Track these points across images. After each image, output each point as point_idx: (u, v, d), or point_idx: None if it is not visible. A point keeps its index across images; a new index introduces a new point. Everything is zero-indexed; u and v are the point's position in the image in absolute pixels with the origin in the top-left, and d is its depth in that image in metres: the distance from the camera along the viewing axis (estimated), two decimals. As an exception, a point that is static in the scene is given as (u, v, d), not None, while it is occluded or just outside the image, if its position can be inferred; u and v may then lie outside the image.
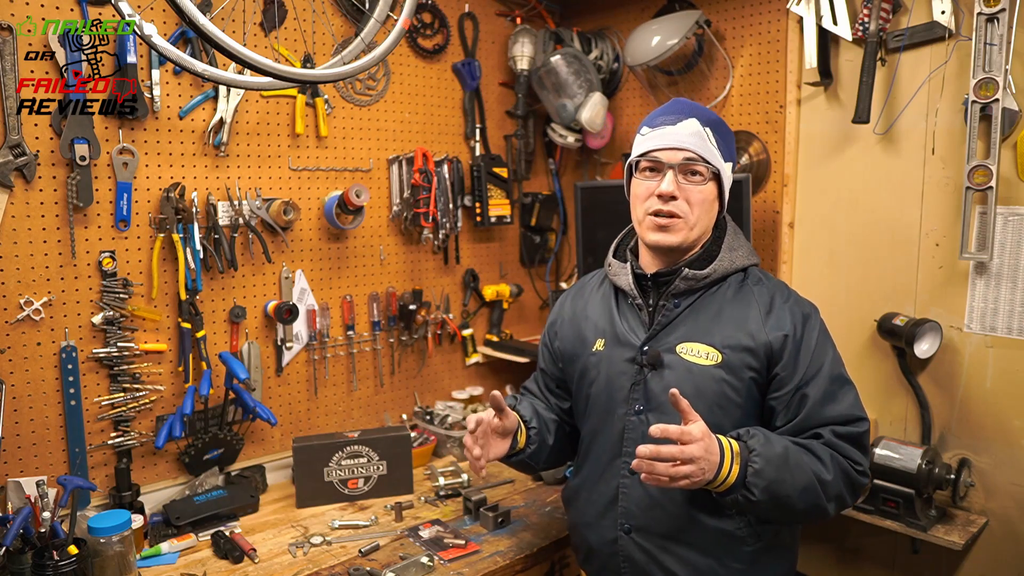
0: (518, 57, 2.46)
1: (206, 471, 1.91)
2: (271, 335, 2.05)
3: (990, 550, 1.82)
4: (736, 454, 1.20)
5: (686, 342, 1.34)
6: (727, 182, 1.38)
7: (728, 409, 1.30)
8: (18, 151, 1.59)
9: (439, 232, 2.34)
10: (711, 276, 1.35)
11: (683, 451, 1.15)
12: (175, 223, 1.80)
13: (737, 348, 1.31)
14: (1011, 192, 1.73)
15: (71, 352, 1.69)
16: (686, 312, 1.36)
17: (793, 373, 1.30)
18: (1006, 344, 1.78)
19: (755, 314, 1.33)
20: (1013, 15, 1.63)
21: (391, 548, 1.67)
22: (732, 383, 1.30)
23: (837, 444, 1.28)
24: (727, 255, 1.38)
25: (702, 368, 1.31)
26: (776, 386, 1.31)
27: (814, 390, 1.29)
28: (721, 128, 1.36)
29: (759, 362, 1.30)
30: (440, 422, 2.25)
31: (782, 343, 1.30)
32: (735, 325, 1.32)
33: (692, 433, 1.16)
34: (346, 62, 1.70)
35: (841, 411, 1.29)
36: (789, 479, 1.21)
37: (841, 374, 1.33)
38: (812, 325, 1.34)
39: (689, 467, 1.15)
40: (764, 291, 1.37)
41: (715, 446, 1.19)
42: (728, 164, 1.37)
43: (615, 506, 1.39)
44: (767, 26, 2.17)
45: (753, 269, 1.41)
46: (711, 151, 1.32)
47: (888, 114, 1.92)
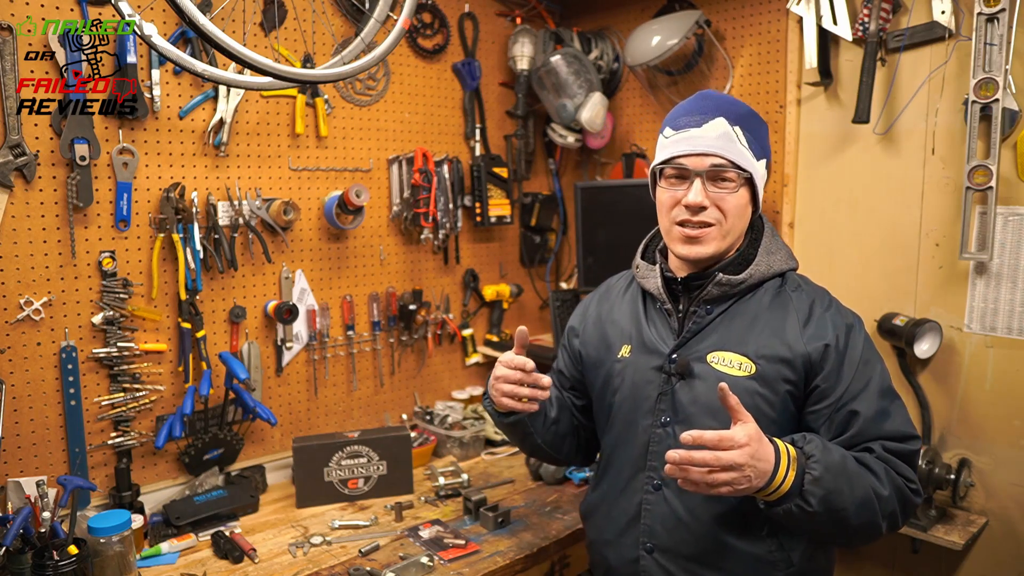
0: (518, 57, 2.46)
1: (206, 471, 1.91)
2: (271, 335, 2.05)
3: (990, 550, 1.82)
4: (793, 459, 1.10)
5: (718, 351, 1.25)
6: (761, 182, 1.27)
7: (761, 424, 1.15)
8: (18, 151, 1.59)
9: (439, 232, 2.34)
10: (747, 282, 1.26)
11: (718, 458, 1.05)
12: (175, 223, 1.80)
13: (773, 359, 1.21)
14: (1011, 192, 1.73)
15: (71, 352, 1.69)
16: (719, 319, 1.27)
17: (835, 385, 1.20)
18: (1006, 344, 1.78)
19: (793, 322, 1.23)
20: (1013, 15, 1.63)
21: (391, 548, 1.67)
22: (766, 396, 1.21)
23: (890, 459, 1.18)
24: (764, 259, 1.28)
25: (734, 379, 1.21)
26: (816, 399, 1.21)
27: (865, 406, 1.19)
28: (752, 122, 1.25)
29: (796, 374, 1.21)
30: (440, 422, 2.25)
31: (822, 354, 1.20)
32: (771, 334, 1.23)
33: (735, 438, 1.06)
34: (346, 62, 1.70)
35: (894, 428, 1.20)
36: (847, 491, 1.11)
37: (890, 388, 1.23)
38: (856, 335, 1.24)
39: (729, 474, 1.05)
40: (803, 298, 1.27)
41: (767, 451, 1.08)
42: (762, 161, 1.26)
43: (637, 524, 1.30)
44: (767, 26, 2.17)
45: (791, 274, 1.31)
46: (741, 153, 1.22)
47: (888, 114, 1.92)
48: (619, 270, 1.55)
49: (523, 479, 2.06)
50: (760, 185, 1.27)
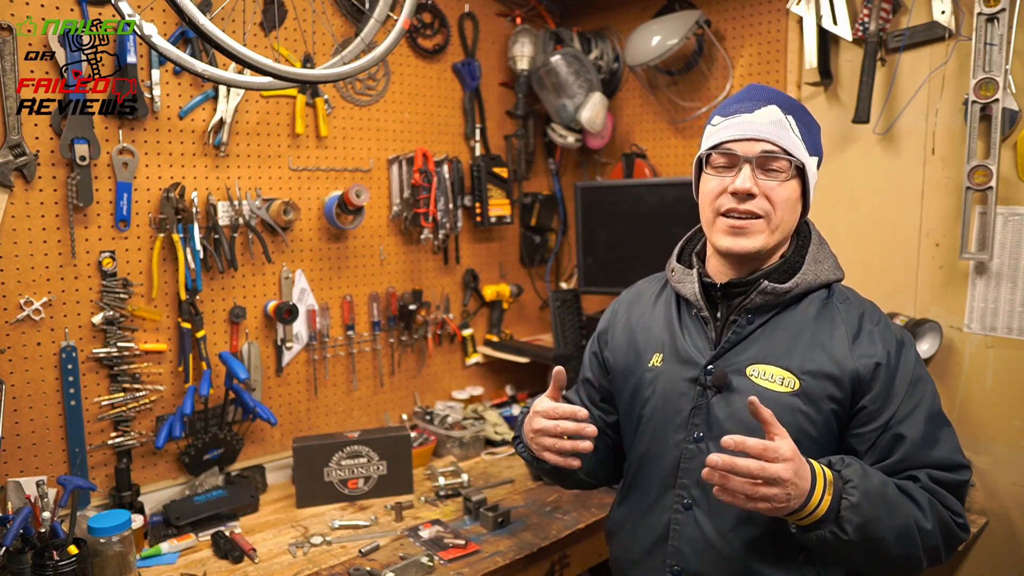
0: (518, 57, 2.46)
1: (206, 471, 1.91)
2: (271, 335, 2.05)
3: (990, 550, 1.82)
4: (830, 483, 1.03)
5: (758, 364, 1.16)
6: (812, 180, 1.18)
7: (802, 444, 1.08)
8: (18, 151, 1.59)
9: (439, 232, 2.34)
10: (793, 291, 1.16)
11: (764, 468, 0.98)
12: (175, 223, 1.80)
13: (818, 375, 1.12)
14: (1011, 192, 1.73)
15: (71, 352, 1.69)
16: (760, 330, 1.18)
17: (884, 407, 1.12)
18: (1006, 344, 1.78)
19: (841, 337, 1.15)
20: (1013, 15, 1.63)
21: (391, 548, 1.67)
22: (810, 415, 1.12)
23: (935, 490, 1.10)
24: (812, 267, 1.18)
25: (775, 395, 1.13)
26: (861, 421, 1.13)
27: (912, 430, 1.11)
28: (806, 117, 1.19)
29: (843, 392, 1.12)
30: (440, 422, 2.25)
31: (872, 372, 1.12)
32: (818, 348, 1.14)
33: (780, 450, 0.99)
34: (346, 62, 1.70)
35: (942, 455, 1.12)
36: (886, 520, 1.04)
37: (940, 412, 1.15)
38: (908, 353, 1.15)
39: (772, 489, 0.98)
40: (852, 311, 1.18)
41: (806, 470, 1.01)
42: (814, 159, 1.19)
43: (664, 545, 1.21)
44: (767, 26, 2.17)
45: (838, 285, 1.23)
46: (794, 142, 1.14)
47: (888, 114, 1.92)
48: (620, 270, 1.53)
49: (523, 479, 2.06)
50: (811, 183, 1.19)
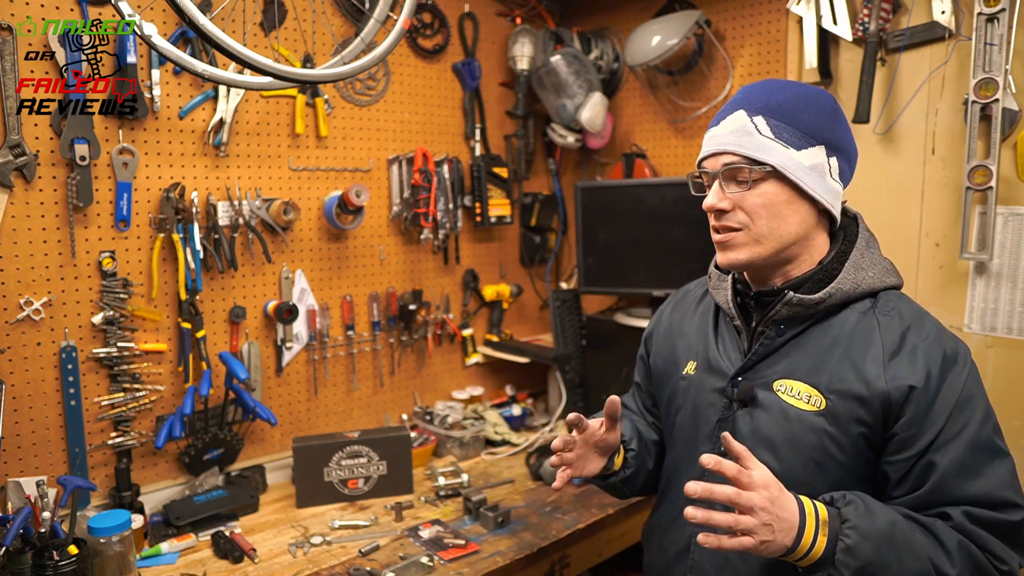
0: (518, 57, 2.46)
1: (206, 471, 1.91)
2: (271, 335, 2.05)
3: (990, 550, 1.82)
4: (824, 523, 0.96)
5: (786, 379, 1.09)
6: (804, 175, 1.06)
7: (827, 467, 1.04)
8: (18, 151, 1.59)
9: (439, 232, 2.34)
10: (826, 302, 1.08)
11: (740, 495, 0.94)
12: (175, 223, 1.80)
13: (846, 395, 1.04)
14: (1011, 192, 1.73)
15: (71, 352, 1.69)
16: (793, 342, 1.11)
17: (919, 434, 1.01)
18: (1006, 344, 1.78)
19: (876, 354, 1.04)
20: (1013, 15, 1.63)
21: (391, 548, 1.67)
22: (836, 437, 1.04)
23: (971, 531, 0.98)
24: (851, 275, 1.09)
25: (800, 414, 1.07)
26: (894, 448, 1.03)
27: (946, 457, 1.00)
28: (786, 109, 1.08)
29: (872, 416, 1.03)
30: (440, 422, 2.25)
31: (905, 396, 1.01)
32: (848, 366, 1.05)
33: (754, 478, 0.95)
34: (346, 62, 1.70)
35: (984, 490, 0.99)
36: (894, 563, 0.95)
37: (991, 441, 1.02)
38: (957, 373, 1.03)
39: (750, 520, 0.94)
40: (894, 324, 1.06)
41: (789, 503, 0.96)
42: (809, 150, 1.07)
43: (686, 557, 1.19)
44: (767, 26, 2.17)
45: (888, 294, 1.11)
46: (759, 144, 1.07)
47: (888, 114, 1.92)
48: (620, 270, 1.52)
49: (523, 479, 2.06)
50: (805, 178, 1.07)
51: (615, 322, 2.34)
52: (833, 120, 1.10)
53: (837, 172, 1.10)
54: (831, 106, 1.10)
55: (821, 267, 1.10)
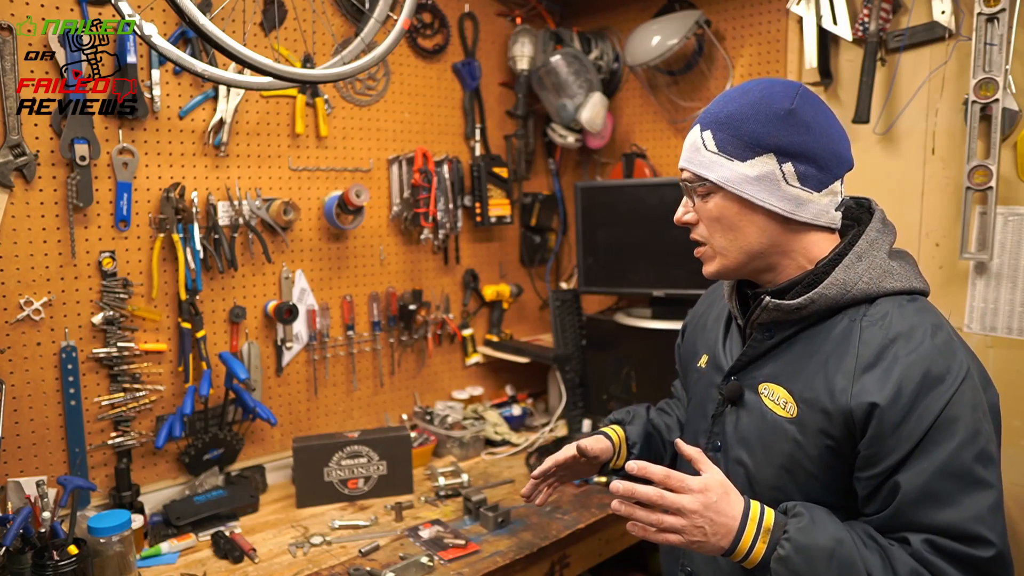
0: (518, 57, 2.46)
1: (206, 471, 1.91)
2: (271, 335, 2.05)
3: (990, 550, 1.82)
4: (766, 530, 0.97)
5: (770, 383, 1.08)
6: (749, 187, 1.03)
7: (796, 475, 1.03)
8: (18, 151, 1.59)
9: (439, 232, 2.34)
10: (808, 308, 1.03)
11: (663, 496, 0.96)
12: (175, 223, 1.80)
13: (813, 406, 1.01)
14: (1011, 192, 1.73)
15: (71, 352, 1.69)
16: (783, 345, 1.09)
17: (883, 453, 0.96)
18: (1006, 344, 1.78)
19: (849, 366, 0.99)
20: (1013, 15, 1.63)
21: (391, 548, 1.67)
22: (804, 446, 1.02)
23: (930, 561, 0.92)
24: (841, 277, 1.02)
25: (776, 419, 1.06)
26: (861, 464, 0.99)
27: (911, 480, 0.94)
28: (732, 121, 1.05)
29: (837, 430, 0.99)
30: (440, 422, 2.25)
31: (867, 413, 0.95)
32: (821, 375, 1.02)
33: (686, 481, 0.97)
34: (346, 62, 1.70)
35: (952, 520, 0.92)
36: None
37: (969, 469, 0.93)
38: (938, 395, 0.94)
39: (677, 520, 0.96)
40: (877, 334, 0.99)
41: (731, 508, 0.97)
42: (753, 160, 1.03)
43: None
44: (767, 26, 2.17)
45: (888, 300, 1.03)
46: (704, 159, 1.07)
47: (888, 114, 1.92)
48: (620, 270, 1.53)
49: (523, 479, 2.06)
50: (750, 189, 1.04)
51: (615, 322, 2.34)
52: (786, 125, 1.03)
53: (797, 177, 1.03)
54: (786, 108, 1.03)
55: (813, 270, 1.06)
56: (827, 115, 1.07)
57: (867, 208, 1.14)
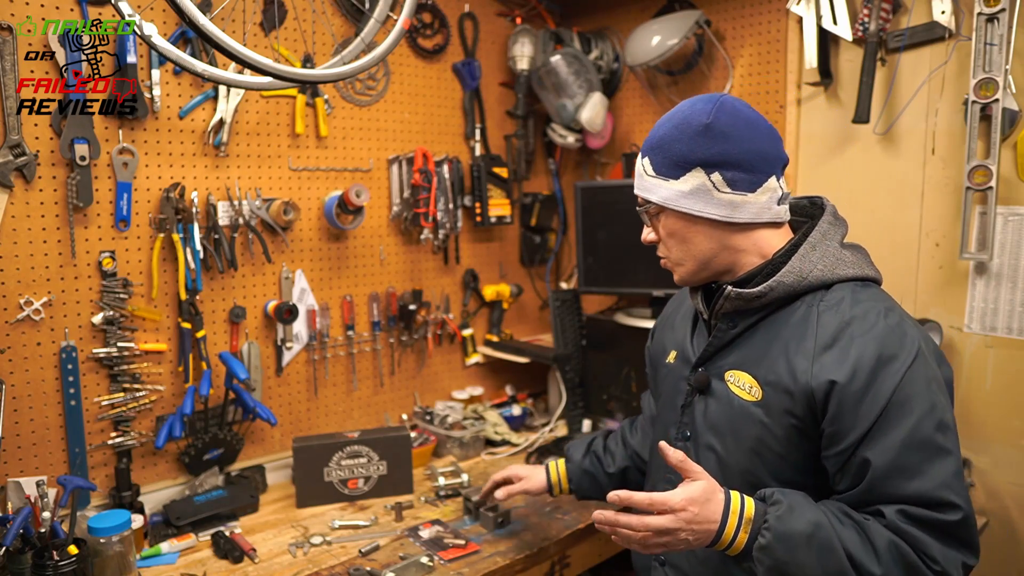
0: (518, 57, 2.46)
1: (206, 471, 1.91)
2: (271, 335, 2.05)
3: (990, 550, 1.82)
4: (748, 520, 1.02)
5: (735, 370, 1.15)
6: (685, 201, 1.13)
7: (766, 457, 1.09)
8: (18, 151, 1.59)
9: (439, 232, 2.34)
10: (767, 295, 1.10)
11: (646, 524, 1.02)
12: (175, 223, 1.80)
13: (777, 387, 1.08)
14: (1011, 192, 1.73)
15: (71, 352, 1.69)
16: (747, 334, 1.16)
17: (845, 429, 1.02)
18: (1006, 344, 1.78)
19: (808, 347, 1.06)
20: (1013, 15, 1.63)
21: (391, 548, 1.67)
22: (770, 427, 1.09)
23: (905, 530, 0.99)
24: (796, 265, 1.10)
25: (742, 403, 1.12)
26: (826, 442, 1.05)
27: (880, 456, 1.00)
28: (662, 145, 1.15)
29: (800, 409, 1.06)
30: (440, 422, 2.25)
31: (826, 391, 1.02)
32: (782, 358, 1.09)
33: (668, 502, 1.02)
34: (346, 62, 1.70)
35: (921, 489, 0.99)
36: (810, 563, 0.98)
37: (931, 440, 1.00)
38: (893, 371, 1.01)
39: (662, 538, 1.03)
40: (834, 318, 1.07)
41: (711, 511, 1.02)
42: (685, 177, 1.12)
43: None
44: (767, 26, 2.17)
45: (843, 287, 1.11)
46: (647, 184, 1.18)
47: (888, 114, 1.92)
48: (620, 270, 1.56)
49: (523, 479, 2.06)
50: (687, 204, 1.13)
51: (615, 322, 2.34)
52: (706, 138, 1.11)
53: (727, 184, 1.11)
54: (703, 124, 1.11)
55: (771, 261, 1.14)
56: (748, 121, 1.13)
57: (820, 206, 1.22)
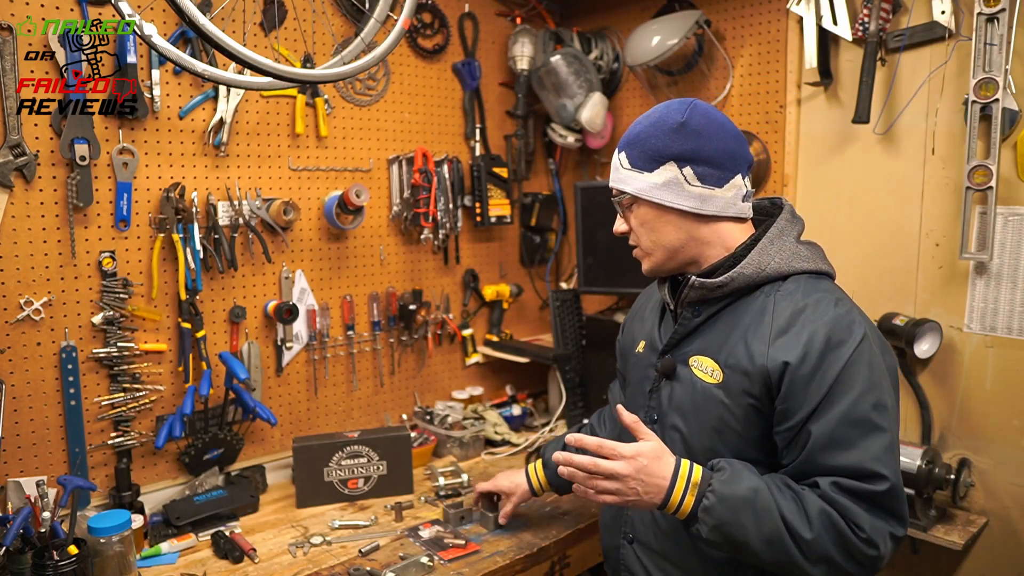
0: (518, 57, 2.46)
1: (206, 471, 1.91)
2: (271, 335, 2.05)
3: (990, 550, 1.82)
4: (694, 484, 1.11)
5: (699, 355, 1.24)
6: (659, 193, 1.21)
7: (725, 434, 1.18)
8: (18, 151, 1.59)
9: (439, 232, 2.34)
10: (728, 285, 1.20)
11: (597, 465, 1.13)
12: (175, 223, 1.80)
13: (736, 369, 1.17)
14: (1011, 192, 1.73)
15: (71, 352, 1.69)
16: (709, 322, 1.24)
17: (796, 406, 1.11)
18: (1006, 344, 1.78)
19: (765, 333, 1.15)
20: (1013, 15, 1.63)
21: (391, 548, 1.67)
22: (730, 407, 1.18)
23: (835, 499, 1.08)
24: (755, 260, 1.19)
25: (705, 386, 1.21)
26: (779, 419, 1.15)
27: (819, 428, 1.09)
28: (638, 140, 1.24)
29: (757, 389, 1.15)
30: (440, 422, 2.25)
31: (780, 372, 1.12)
32: (741, 343, 1.18)
33: (617, 449, 1.13)
34: (346, 62, 1.70)
35: (852, 462, 1.08)
36: (749, 525, 1.07)
37: (866, 417, 1.09)
38: (840, 355, 1.10)
39: (612, 483, 1.13)
40: (787, 306, 1.16)
41: (662, 469, 1.12)
42: (658, 170, 1.21)
43: (623, 513, 1.37)
44: (767, 26, 2.17)
45: (799, 278, 1.20)
46: (622, 176, 1.27)
47: (888, 114, 1.92)
48: (620, 270, 1.58)
49: (523, 479, 2.06)
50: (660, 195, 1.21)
51: (615, 322, 2.34)
52: (680, 135, 1.20)
53: (697, 178, 1.20)
54: (677, 122, 1.20)
55: (732, 254, 1.23)
56: (718, 122, 1.22)
57: (779, 205, 1.31)
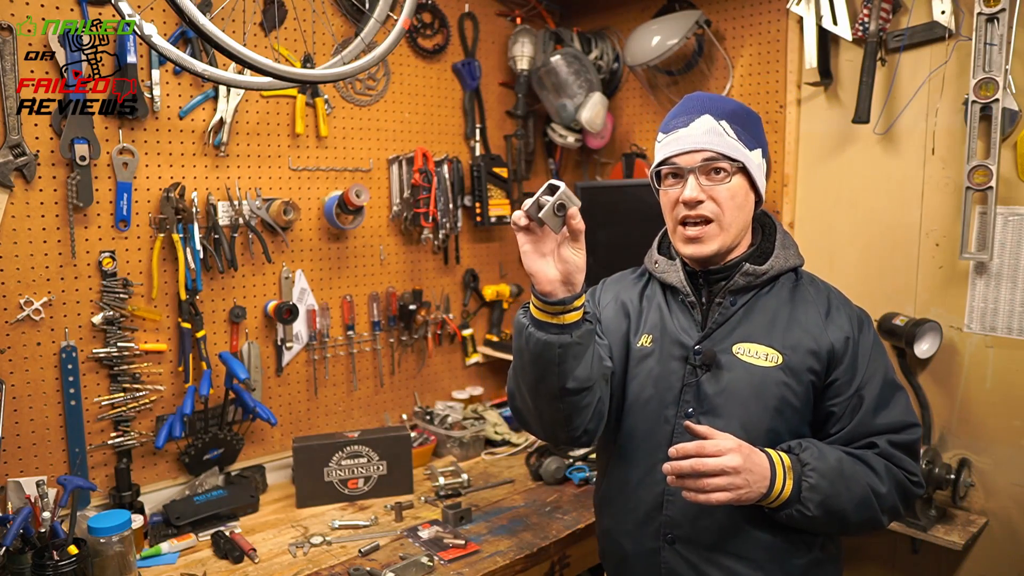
0: (518, 57, 2.46)
1: (206, 471, 1.91)
2: (271, 335, 2.05)
3: (990, 550, 1.82)
4: (788, 468, 1.16)
5: (743, 342, 1.26)
6: (757, 172, 1.27)
7: (786, 414, 1.24)
8: (18, 151, 1.59)
9: (439, 232, 2.34)
10: (768, 273, 1.28)
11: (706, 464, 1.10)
12: (175, 223, 1.80)
13: (800, 349, 1.24)
14: (1011, 192, 1.73)
15: (71, 352, 1.69)
16: (741, 311, 1.29)
17: (853, 378, 1.24)
18: (1006, 344, 1.78)
19: (815, 315, 1.27)
20: (1013, 15, 1.63)
21: (391, 548, 1.67)
22: (792, 386, 1.24)
23: (892, 454, 1.22)
24: (781, 252, 1.30)
25: (762, 370, 1.24)
26: (835, 391, 1.24)
27: (870, 393, 1.23)
28: (739, 116, 1.27)
29: (821, 365, 1.24)
30: (440, 422, 2.25)
31: (844, 346, 1.24)
32: (796, 326, 1.26)
33: (720, 444, 1.12)
34: (346, 62, 1.70)
35: (894, 418, 1.24)
36: (844, 493, 1.17)
37: (894, 379, 1.27)
38: (868, 328, 1.28)
39: (722, 480, 1.10)
40: (819, 292, 1.31)
41: (760, 458, 1.14)
42: (756, 151, 1.27)
43: (659, 514, 1.30)
44: (767, 26, 2.17)
45: (803, 270, 1.35)
46: (730, 145, 1.23)
47: (888, 114, 1.92)
48: (619, 270, 1.55)
49: (523, 479, 2.06)
50: (757, 174, 1.27)
51: (615, 322, 2.34)
52: (762, 129, 1.31)
53: (766, 172, 1.31)
54: (758, 116, 1.32)
55: (756, 247, 1.31)
56: None
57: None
